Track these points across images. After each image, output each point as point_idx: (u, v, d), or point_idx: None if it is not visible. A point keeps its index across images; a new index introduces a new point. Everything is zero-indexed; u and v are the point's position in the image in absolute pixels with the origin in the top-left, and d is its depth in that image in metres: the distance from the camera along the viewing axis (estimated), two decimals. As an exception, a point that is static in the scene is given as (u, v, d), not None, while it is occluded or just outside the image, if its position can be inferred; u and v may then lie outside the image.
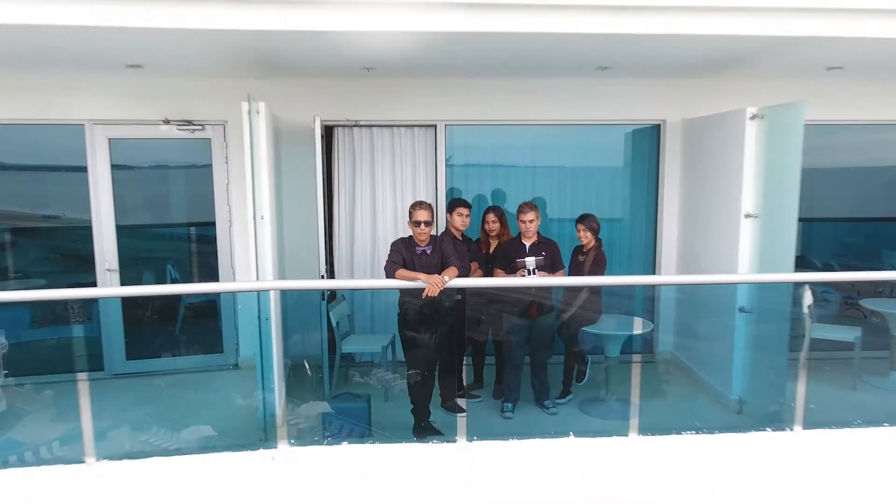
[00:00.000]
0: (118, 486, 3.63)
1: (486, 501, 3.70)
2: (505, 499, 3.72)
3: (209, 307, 6.22)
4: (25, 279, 6.10)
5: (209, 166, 5.53)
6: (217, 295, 5.95)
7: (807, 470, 3.95)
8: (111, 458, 3.68)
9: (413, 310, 4.31)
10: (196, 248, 5.96)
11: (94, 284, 5.50)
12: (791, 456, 3.99)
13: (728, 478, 3.86)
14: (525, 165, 5.97)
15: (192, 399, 4.89)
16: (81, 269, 5.75)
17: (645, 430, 4.04)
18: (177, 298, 6.00)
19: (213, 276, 5.77)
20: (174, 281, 6.21)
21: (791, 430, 4.04)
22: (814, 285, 4.43)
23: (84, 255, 5.66)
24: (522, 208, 4.60)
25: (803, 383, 4.11)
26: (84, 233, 5.58)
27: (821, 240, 6.37)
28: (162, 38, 3.77)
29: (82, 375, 4.49)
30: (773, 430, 4.07)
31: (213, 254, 5.74)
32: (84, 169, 5.34)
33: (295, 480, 3.77)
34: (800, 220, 4.21)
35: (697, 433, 4.00)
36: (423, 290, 3.82)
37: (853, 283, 5.71)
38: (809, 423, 4.07)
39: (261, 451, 3.81)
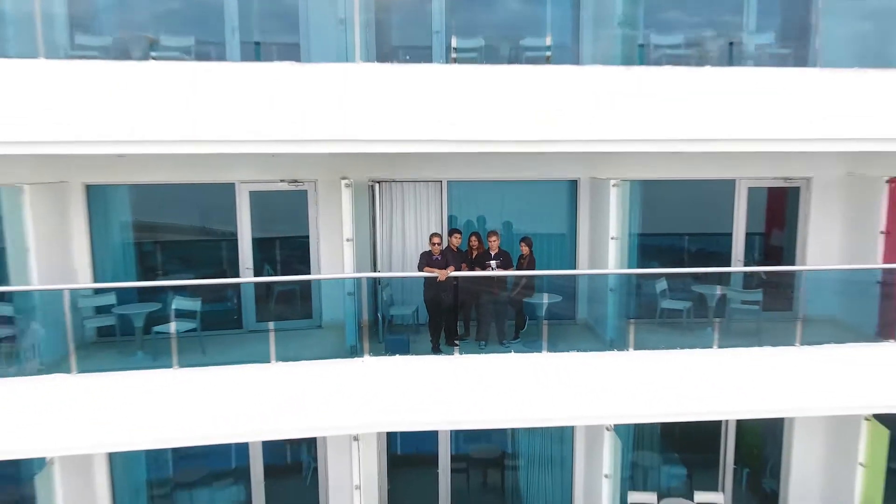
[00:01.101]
0: (287, 372, 7.39)
1: (466, 379, 7.49)
2: (477, 379, 7.50)
3: (291, 292, 9.92)
4: (165, 275, 9.78)
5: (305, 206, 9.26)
6: (305, 283, 9.63)
7: (633, 368, 7.75)
8: (282, 361, 7.43)
9: (431, 289, 8.06)
10: (291, 254, 9.68)
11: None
12: (625, 362, 7.78)
13: (589, 372, 7.65)
14: (497, 203, 9.69)
15: (306, 341, 8.62)
16: (221, 268, 9.44)
17: (552, 350, 7.82)
18: (269, 286, 9.69)
19: (304, 270, 9.48)
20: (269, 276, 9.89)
21: (628, 350, 7.83)
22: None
23: (222, 259, 9.39)
24: (489, 234, 8.36)
25: (633, 330, 7.89)
26: (226, 244, 9.30)
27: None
28: (307, 158, 7.51)
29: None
30: (618, 350, 7.86)
31: (305, 259, 9.44)
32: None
33: (372, 373, 7.54)
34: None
35: (578, 352, 7.78)
36: (436, 277, 7.59)
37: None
38: (637, 348, 7.85)
39: (354, 359, 7.58)
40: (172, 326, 7.45)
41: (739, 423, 10.16)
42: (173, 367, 7.23)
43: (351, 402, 7.58)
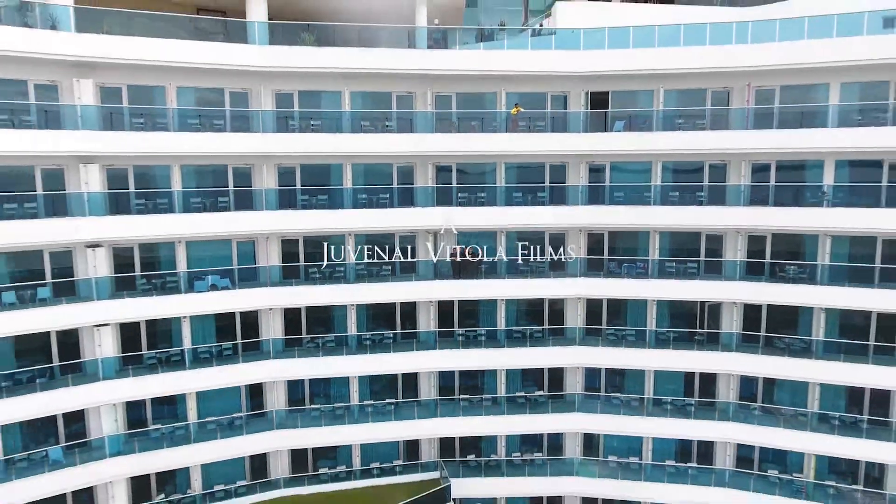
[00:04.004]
0: (416, 283, 29.16)
1: (464, 286, 29.40)
2: (468, 285, 29.42)
3: (408, 265, 31.42)
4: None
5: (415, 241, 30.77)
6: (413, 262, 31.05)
7: (508, 285, 29.58)
8: (416, 281, 29.22)
9: (453, 264, 29.85)
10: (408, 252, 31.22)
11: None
12: (506, 282, 29.58)
13: (497, 285, 29.47)
14: (472, 238, 31.27)
15: (414, 277, 30.33)
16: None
17: (485, 279, 29.66)
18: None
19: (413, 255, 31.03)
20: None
21: (505, 280, 29.61)
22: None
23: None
24: (468, 248, 30.10)
25: (507, 274, 29.66)
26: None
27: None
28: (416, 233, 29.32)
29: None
30: (503, 280, 29.62)
31: (413, 253, 30.92)
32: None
33: (437, 285, 29.38)
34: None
35: (496, 280, 29.58)
36: (455, 260, 29.49)
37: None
38: (510, 279, 29.66)
39: (433, 281, 29.34)
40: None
41: (550, 308, 31.71)
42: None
43: (432, 291, 29.35)
